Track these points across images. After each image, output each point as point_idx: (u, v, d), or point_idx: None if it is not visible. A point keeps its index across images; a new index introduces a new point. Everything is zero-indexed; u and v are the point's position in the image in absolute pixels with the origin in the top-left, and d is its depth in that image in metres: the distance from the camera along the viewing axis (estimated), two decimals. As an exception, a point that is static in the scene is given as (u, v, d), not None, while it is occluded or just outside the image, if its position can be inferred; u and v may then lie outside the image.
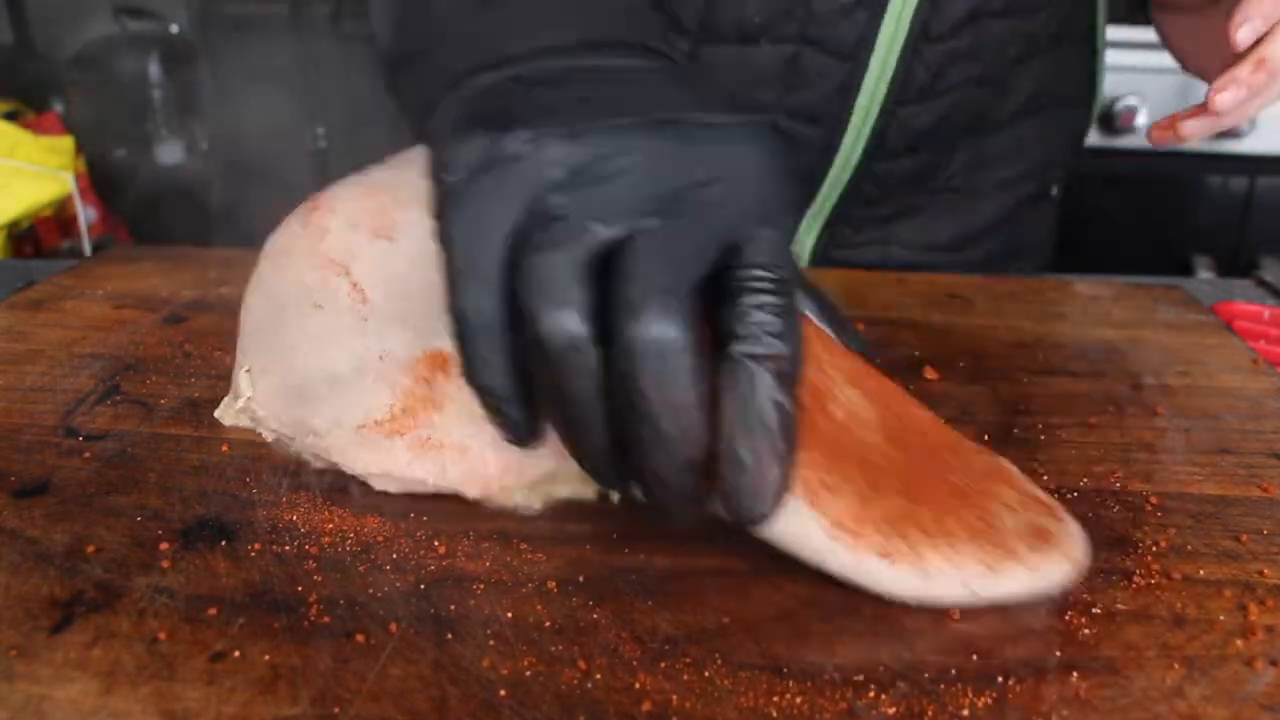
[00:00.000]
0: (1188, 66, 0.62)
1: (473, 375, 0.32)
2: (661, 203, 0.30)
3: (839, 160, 0.65)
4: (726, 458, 0.29)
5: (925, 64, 0.62)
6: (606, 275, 0.29)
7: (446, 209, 0.31)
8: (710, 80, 0.35)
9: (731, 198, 0.31)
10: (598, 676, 0.30)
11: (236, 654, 0.30)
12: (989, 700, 0.29)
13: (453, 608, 0.32)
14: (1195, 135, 0.53)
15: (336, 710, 0.28)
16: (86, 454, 0.41)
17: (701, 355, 0.29)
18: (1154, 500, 0.39)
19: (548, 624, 0.32)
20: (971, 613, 0.33)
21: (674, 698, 0.29)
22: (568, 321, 0.28)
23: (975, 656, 0.31)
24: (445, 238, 0.31)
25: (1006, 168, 0.71)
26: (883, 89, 0.62)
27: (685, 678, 0.30)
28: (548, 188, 0.30)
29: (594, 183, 0.30)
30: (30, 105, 1.90)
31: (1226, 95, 0.49)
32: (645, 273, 0.29)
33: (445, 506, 0.38)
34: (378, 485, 0.38)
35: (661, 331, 0.28)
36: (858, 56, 0.61)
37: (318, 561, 0.35)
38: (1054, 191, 0.77)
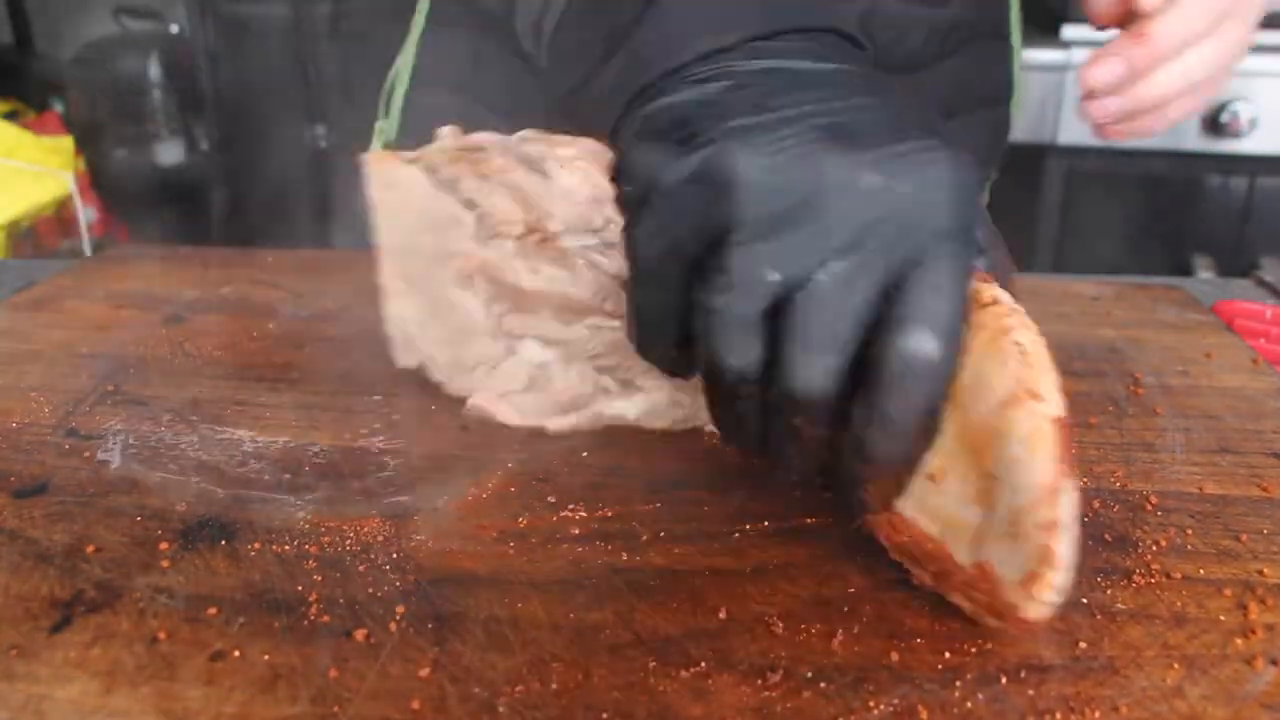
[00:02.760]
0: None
1: (642, 353, 0.36)
2: (841, 239, 0.30)
3: None
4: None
5: None
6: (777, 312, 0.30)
7: (632, 215, 0.34)
8: (878, 80, 0.34)
9: (913, 228, 0.30)
10: (597, 677, 0.30)
11: (236, 654, 0.30)
12: (988, 700, 0.29)
13: (453, 608, 0.33)
14: (1107, 119, 0.47)
15: (336, 710, 0.28)
16: (86, 454, 0.41)
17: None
18: (1154, 500, 0.39)
19: (548, 624, 0.32)
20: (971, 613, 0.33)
21: (674, 697, 0.29)
22: (735, 364, 0.31)
23: (975, 656, 0.31)
24: (629, 240, 0.34)
25: None
26: None
27: (685, 677, 0.30)
28: (727, 216, 0.30)
29: (770, 220, 0.30)
30: (30, 105, 1.90)
31: (1099, 69, 0.45)
32: (811, 329, 0.30)
33: (445, 506, 0.38)
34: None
35: (808, 386, 0.30)
36: None
37: (318, 561, 0.35)
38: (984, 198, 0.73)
